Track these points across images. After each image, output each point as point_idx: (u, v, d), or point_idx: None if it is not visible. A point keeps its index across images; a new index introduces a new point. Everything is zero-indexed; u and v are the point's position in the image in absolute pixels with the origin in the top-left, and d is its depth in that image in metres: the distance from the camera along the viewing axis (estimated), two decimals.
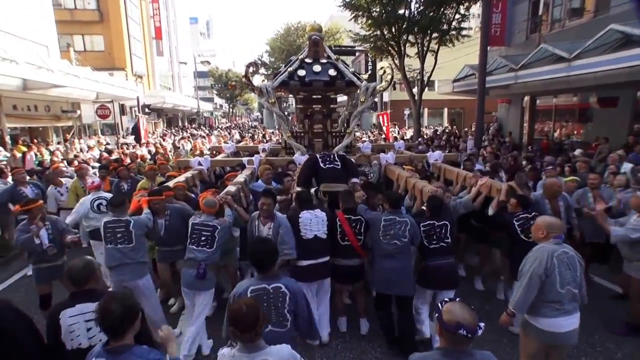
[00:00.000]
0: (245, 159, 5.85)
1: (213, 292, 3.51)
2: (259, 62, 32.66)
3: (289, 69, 5.65)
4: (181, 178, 4.95)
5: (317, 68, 5.69)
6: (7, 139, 11.83)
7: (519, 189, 3.94)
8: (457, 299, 1.72)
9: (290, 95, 7.45)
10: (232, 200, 3.88)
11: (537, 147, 10.89)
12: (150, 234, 3.73)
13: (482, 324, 1.60)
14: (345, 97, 7.51)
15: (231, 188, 4.20)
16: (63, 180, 5.85)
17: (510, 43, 13.61)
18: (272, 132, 16.23)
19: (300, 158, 5.48)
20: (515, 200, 3.65)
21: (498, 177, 5.23)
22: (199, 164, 5.66)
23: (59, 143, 14.20)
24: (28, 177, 6.14)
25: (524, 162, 6.99)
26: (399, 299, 3.54)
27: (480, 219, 4.30)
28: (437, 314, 1.68)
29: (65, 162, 8.41)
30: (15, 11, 14.05)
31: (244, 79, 5.77)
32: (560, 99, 12.62)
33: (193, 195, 4.67)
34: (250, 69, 5.70)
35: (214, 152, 7.85)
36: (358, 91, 5.84)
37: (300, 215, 3.51)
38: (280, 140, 8.28)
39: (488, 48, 13.97)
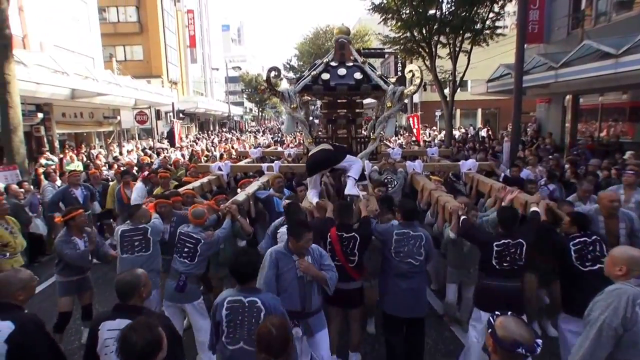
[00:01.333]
0: (264, 166, 5.75)
1: (202, 303, 3.35)
2: (288, 65, 33.19)
3: (312, 73, 5.49)
4: (196, 184, 4.86)
5: (342, 71, 5.51)
6: (57, 144, 12.73)
7: (557, 210, 3.31)
8: (509, 313, 1.61)
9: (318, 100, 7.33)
10: (237, 210, 3.67)
11: (582, 148, 10.24)
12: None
13: (539, 341, 1.49)
14: (373, 100, 7.35)
15: (239, 197, 4.02)
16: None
17: (549, 40, 12.92)
18: (294, 137, 16.23)
19: None
20: (570, 219, 3.01)
21: (558, 187, 4.69)
22: (219, 169, 5.61)
23: (101, 147, 15.09)
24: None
25: (566, 166, 6.58)
26: (409, 322, 3.16)
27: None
28: (489, 330, 1.57)
29: (107, 165, 8.94)
30: (67, 27, 15.22)
31: (265, 84, 5.73)
32: (607, 97, 11.80)
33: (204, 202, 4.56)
34: (272, 74, 5.54)
35: (240, 156, 7.80)
36: (385, 95, 5.55)
37: (278, 230, 3.26)
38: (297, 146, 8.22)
39: (525, 46, 13.51)
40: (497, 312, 1.62)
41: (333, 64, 5.58)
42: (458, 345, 3.62)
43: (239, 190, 4.75)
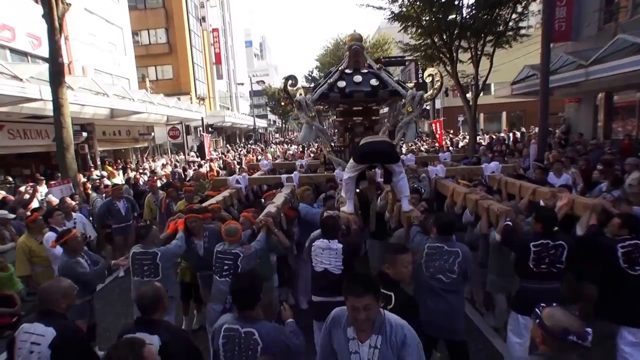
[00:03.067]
0: (283, 177, 5.55)
1: None
2: (310, 77, 33.74)
3: (328, 81, 5.39)
4: (219, 198, 4.74)
5: (357, 78, 5.40)
6: (98, 161, 13.67)
7: (611, 208, 3.16)
8: (554, 304, 1.61)
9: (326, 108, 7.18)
10: (273, 223, 3.52)
11: (617, 148, 9.84)
12: (186, 257, 3.54)
13: (589, 329, 1.48)
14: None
15: (271, 209, 3.84)
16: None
17: (577, 38, 12.60)
18: (307, 147, 16.35)
19: (341, 174, 4.94)
20: (619, 221, 2.88)
21: (622, 192, 4.35)
22: (237, 182, 5.45)
23: (137, 162, 15.99)
24: None
25: (599, 167, 6.39)
26: (448, 344, 2.90)
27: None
28: (537, 320, 1.56)
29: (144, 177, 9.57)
30: (105, 52, 16.47)
31: (282, 93, 5.62)
32: None
33: (229, 216, 4.43)
34: (289, 82, 5.49)
35: (251, 170, 7.60)
36: (403, 100, 5.43)
37: (313, 244, 3.08)
38: (317, 156, 8.05)
39: (552, 45, 13.21)
40: (542, 304, 1.61)
41: (348, 71, 5.50)
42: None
43: (262, 201, 4.64)
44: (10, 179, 10.11)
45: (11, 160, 11.48)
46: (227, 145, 27.64)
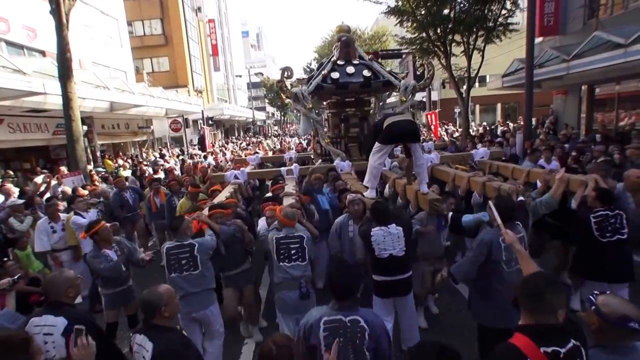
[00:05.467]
0: (283, 169, 5.48)
1: None
2: (308, 69, 33.81)
3: (322, 72, 5.42)
4: (225, 193, 4.64)
5: (350, 69, 5.45)
6: (98, 154, 13.97)
7: (603, 182, 3.51)
8: (607, 292, 1.59)
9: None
10: (302, 214, 3.50)
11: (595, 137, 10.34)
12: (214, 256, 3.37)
13: None
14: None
15: (291, 201, 3.86)
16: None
17: (565, 32, 13.00)
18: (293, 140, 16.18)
19: (341, 164, 5.19)
20: (595, 194, 3.22)
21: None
22: (235, 177, 5.34)
23: (136, 156, 16.26)
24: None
25: (573, 153, 6.88)
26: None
27: (555, 216, 3.81)
28: (593, 307, 1.52)
29: (151, 168, 9.95)
30: (102, 44, 16.50)
31: (278, 84, 5.57)
32: (624, 85, 11.78)
33: (243, 212, 4.35)
34: (285, 74, 5.46)
35: (238, 164, 7.46)
36: (397, 91, 5.54)
37: (372, 233, 3.05)
38: (309, 148, 8.07)
39: (542, 39, 13.59)
40: (595, 292, 1.60)
41: (340, 62, 5.56)
42: None
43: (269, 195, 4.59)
44: (11, 172, 10.35)
45: (10, 154, 11.55)
46: (223, 139, 27.78)
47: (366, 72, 5.49)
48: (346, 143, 5.96)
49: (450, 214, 3.61)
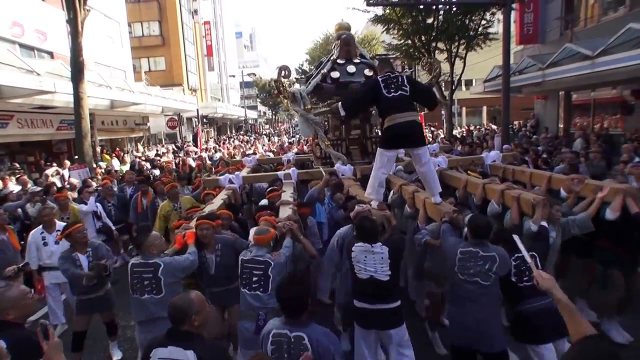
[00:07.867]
0: (281, 173, 5.03)
1: None
2: (300, 70, 34.40)
3: (321, 72, 5.18)
4: (218, 201, 4.15)
5: (351, 69, 5.16)
6: (98, 149, 14.39)
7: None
8: None
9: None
10: (298, 228, 3.09)
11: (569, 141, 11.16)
12: (195, 274, 3.05)
13: None
14: None
15: (289, 211, 3.47)
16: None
17: (543, 41, 13.89)
18: (291, 142, 16.29)
19: (342, 168, 4.81)
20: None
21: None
22: (230, 181, 4.89)
23: (136, 150, 16.71)
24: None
25: (544, 156, 7.59)
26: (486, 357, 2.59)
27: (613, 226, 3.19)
28: None
29: (149, 163, 10.45)
30: (103, 44, 17.03)
31: (275, 83, 5.25)
32: (598, 92, 12.69)
33: (235, 224, 3.80)
34: (283, 73, 5.16)
35: (232, 166, 6.79)
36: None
37: (352, 249, 2.74)
38: (307, 150, 7.88)
39: (522, 47, 14.45)
40: None
41: (340, 61, 5.27)
42: None
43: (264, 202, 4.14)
44: (17, 165, 10.81)
45: (16, 148, 12.05)
46: (216, 137, 28.25)
47: (368, 72, 5.20)
48: (347, 146, 5.62)
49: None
